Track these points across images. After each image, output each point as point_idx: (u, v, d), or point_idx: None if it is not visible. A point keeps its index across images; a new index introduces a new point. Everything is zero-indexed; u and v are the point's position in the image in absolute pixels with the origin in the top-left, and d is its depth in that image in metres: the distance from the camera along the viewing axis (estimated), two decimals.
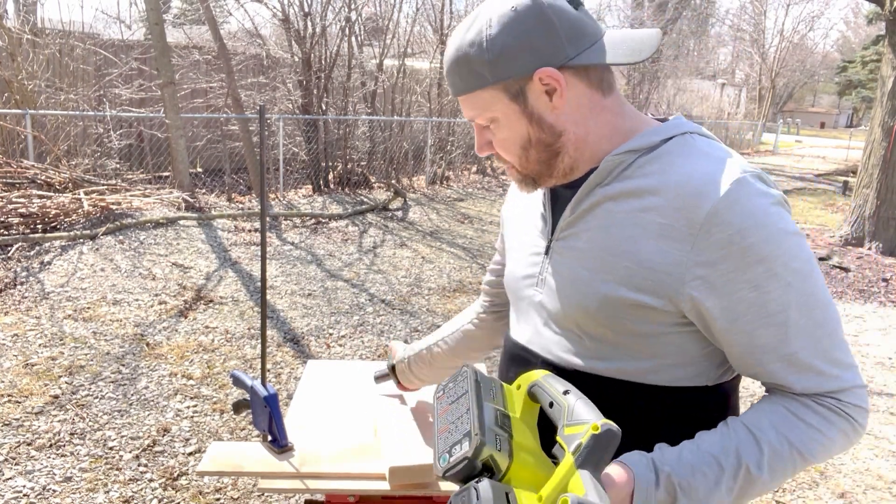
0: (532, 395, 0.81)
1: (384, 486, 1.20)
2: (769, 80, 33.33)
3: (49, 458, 2.64)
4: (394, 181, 9.23)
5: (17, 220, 5.19)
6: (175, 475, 2.60)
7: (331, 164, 8.81)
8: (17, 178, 5.76)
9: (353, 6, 8.75)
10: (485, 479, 0.69)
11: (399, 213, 7.81)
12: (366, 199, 8.17)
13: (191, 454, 2.75)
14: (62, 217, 5.48)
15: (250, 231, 6.20)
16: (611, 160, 0.86)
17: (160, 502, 2.44)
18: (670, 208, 0.80)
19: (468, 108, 0.90)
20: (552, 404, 0.75)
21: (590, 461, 0.67)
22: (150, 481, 2.55)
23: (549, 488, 0.69)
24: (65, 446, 2.73)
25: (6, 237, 4.93)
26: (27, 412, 2.95)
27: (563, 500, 0.63)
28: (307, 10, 8.35)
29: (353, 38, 9.13)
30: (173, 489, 2.52)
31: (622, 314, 0.84)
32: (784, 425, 0.80)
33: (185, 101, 9.03)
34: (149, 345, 3.75)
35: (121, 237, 5.41)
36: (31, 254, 4.85)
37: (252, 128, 7.90)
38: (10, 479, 2.49)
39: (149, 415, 3.03)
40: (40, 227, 5.32)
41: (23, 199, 5.40)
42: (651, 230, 0.81)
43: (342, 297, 4.83)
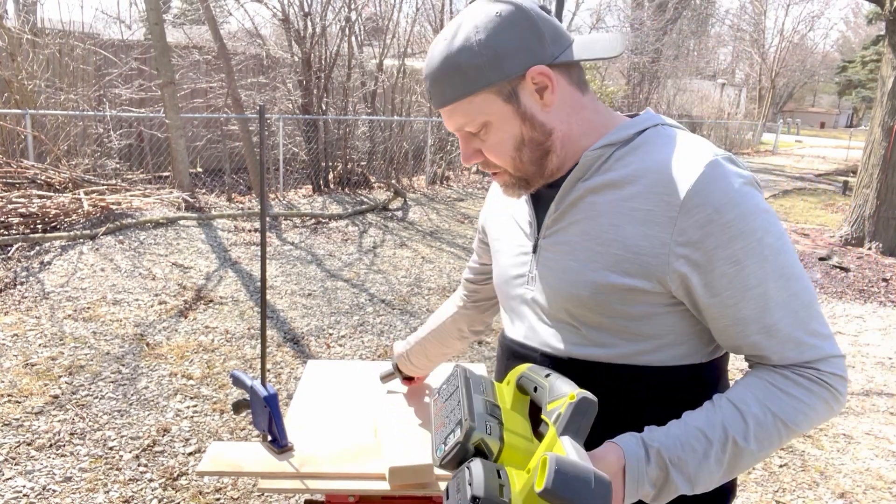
0: (520, 387, 0.85)
1: (384, 486, 1.21)
2: (769, 80, 33.34)
3: (49, 458, 2.64)
4: (394, 181, 9.23)
5: (17, 220, 5.19)
6: (175, 475, 2.60)
7: (331, 164, 8.81)
8: (17, 178, 5.76)
9: (353, 6, 8.75)
10: (476, 459, 0.72)
11: (399, 213, 7.81)
12: (366, 199, 8.17)
13: (191, 454, 2.75)
14: (62, 217, 5.48)
15: (250, 231, 6.20)
16: (590, 155, 0.89)
17: (160, 502, 2.44)
18: (650, 194, 0.84)
19: (458, 117, 0.90)
20: (536, 388, 0.80)
21: (570, 428, 0.72)
22: (150, 481, 2.55)
23: (535, 459, 0.72)
24: (65, 446, 2.73)
25: (6, 237, 4.93)
26: (27, 412, 2.95)
27: (543, 458, 0.66)
28: (307, 10, 8.35)
29: (353, 38, 9.13)
30: (173, 489, 2.52)
31: (614, 299, 0.87)
32: (767, 397, 0.83)
33: (185, 101, 9.03)
34: (149, 345, 3.75)
35: (121, 237, 5.41)
36: (31, 254, 4.85)
37: (252, 128, 7.90)
38: (10, 479, 2.49)
39: (149, 415, 3.03)
40: (40, 227, 5.32)
41: (23, 199, 5.40)
42: (634, 217, 0.85)
43: (342, 297, 4.83)
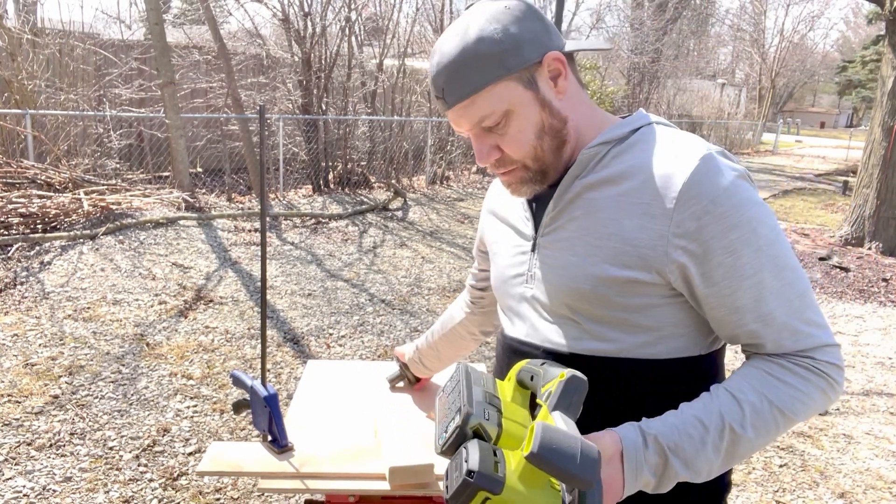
0: (520, 382, 0.86)
1: (384, 486, 1.21)
2: (769, 80, 33.34)
3: (49, 458, 2.64)
4: (394, 181, 9.23)
5: (17, 220, 5.19)
6: (175, 475, 2.60)
7: (331, 164, 8.81)
8: (17, 178, 5.76)
9: (353, 6, 8.75)
10: (473, 440, 0.74)
11: (399, 213, 7.81)
12: (366, 199, 8.17)
13: (191, 454, 2.75)
14: (62, 217, 5.48)
15: (250, 231, 6.20)
16: (586, 153, 0.91)
17: (160, 502, 2.44)
18: (647, 189, 0.85)
19: (477, 110, 0.88)
20: (532, 377, 0.83)
21: (561, 404, 0.75)
22: (150, 481, 2.55)
23: (528, 437, 0.74)
24: (65, 446, 2.73)
25: (6, 237, 4.93)
26: (27, 412, 2.95)
27: (531, 426, 0.69)
28: (307, 10, 8.35)
29: (353, 38, 9.13)
30: (173, 489, 2.52)
31: (614, 292, 0.88)
32: (763, 386, 0.85)
33: (185, 101, 9.03)
34: (149, 345, 3.75)
35: (121, 237, 5.41)
36: (31, 254, 4.85)
37: (252, 128, 7.90)
38: (10, 479, 2.49)
39: (149, 415, 3.03)
40: (40, 227, 5.32)
41: (23, 199, 5.40)
42: (632, 210, 0.86)
43: (342, 297, 4.83)
